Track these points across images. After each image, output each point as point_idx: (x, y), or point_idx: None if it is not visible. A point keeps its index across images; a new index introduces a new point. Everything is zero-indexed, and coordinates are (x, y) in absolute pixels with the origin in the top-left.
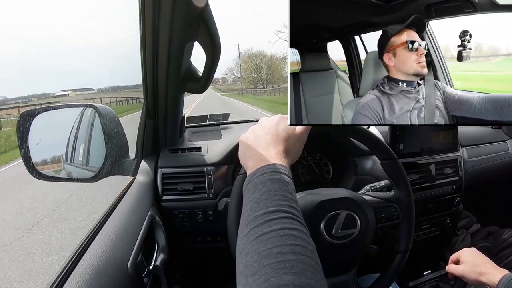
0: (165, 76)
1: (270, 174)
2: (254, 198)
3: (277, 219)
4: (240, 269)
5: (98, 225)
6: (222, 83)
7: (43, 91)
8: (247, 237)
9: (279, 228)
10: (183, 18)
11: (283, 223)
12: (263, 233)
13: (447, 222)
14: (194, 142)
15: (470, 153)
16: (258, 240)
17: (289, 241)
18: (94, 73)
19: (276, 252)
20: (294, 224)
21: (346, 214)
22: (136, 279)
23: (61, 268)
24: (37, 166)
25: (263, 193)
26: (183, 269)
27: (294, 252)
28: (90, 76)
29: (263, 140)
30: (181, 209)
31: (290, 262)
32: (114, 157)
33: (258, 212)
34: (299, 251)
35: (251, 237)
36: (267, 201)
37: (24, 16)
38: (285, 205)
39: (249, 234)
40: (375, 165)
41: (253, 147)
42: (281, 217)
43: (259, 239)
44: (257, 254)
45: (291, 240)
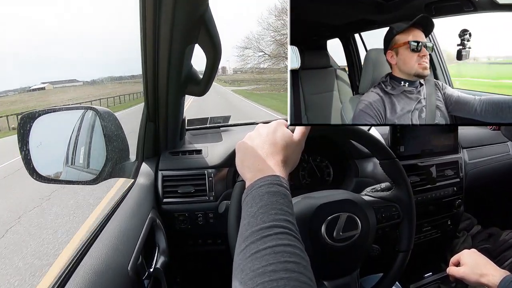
0: (165, 79)
1: (268, 187)
2: (252, 212)
3: (272, 235)
4: (235, 285)
5: (99, 227)
6: (222, 73)
7: (26, 85)
8: (244, 253)
9: (273, 245)
10: (183, 21)
11: (278, 239)
12: (258, 250)
13: (448, 224)
14: (195, 145)
15: (471, 155)
16: (253, 257)
17: (282, 258)
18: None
19: (269, 270)
20: (289, 240)
21: (347, 216)
22: (137, 281)
23: (61, 270)
24: (38, 168)
25: (260, 207)
26: (184, 272)
27: (287, 269)
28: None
29: (261, 149)
30: (182, 212)
31: (282, 281)
32: (115, 159)
33: (255, 228)
34: (292, 268)
35: (247, 253)
36: (263, 215)
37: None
38: (281, 219)
39: (245, 250)
40: (376, 167)
41: (251, 157)
42: (276, 233)
43: (254, 256)
44: (251, 272)
45: (285, 257)
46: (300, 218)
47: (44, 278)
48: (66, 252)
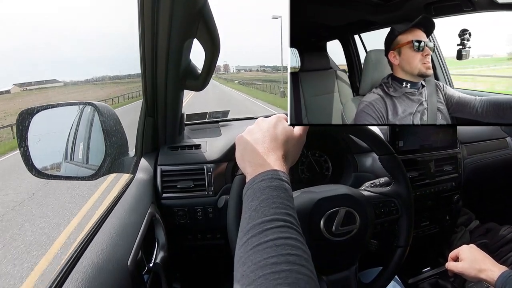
0: (164, 73)
1: (269, 181)
2: (253, 206)
3: (274, 228)
4: (237, 278)
5: (98, 222)
6: (224, 70)
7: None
8: (245, 246)
9: (275, 238)
10: (182, 15)
11: (279, 232)
12: (260, 243)
13: (447, 219)
14: (194, 140)
15: (470, 150)
16: (255, 250)
17: (284, 250)
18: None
19: (271, 263)
20: (290, 233)
21: (346, 211)
22: (136, 276)
23: (61, 265)
24: (36, 164)
25: (261, 201)
26: (183, 267)
27: (288, 262)
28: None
29: (261, 144)
30: (181, 207)
31: (284, 273)
32: (114, 155)
33: (256, 221)
34: (294, 261)
35: (249, 247)
36: (264, 209)
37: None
38: (282, 213)
39: (247, 244)
40: (375, 162)
41: (251, 151)
42: (277, 226)
43: (256, 249)
44: (253, 264)
45: (286, 250)
46: (299, 212)
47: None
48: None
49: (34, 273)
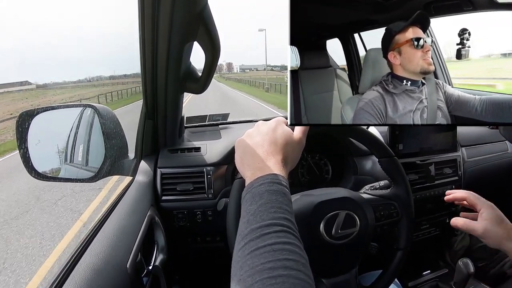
0: (164, 76)
1: (268, 185)
2: (251, 210)
3: (271, 233)
4: (234, 282)
5: (98, 225)
6: (227, 69)
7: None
8: (243, 251)
9: (272, 243)
10: (182, 18)
11: (277, 237)
12: (257, 248)
13: (447, 222)
14: (194, 142)
15: (470, 153)
16: (252, 254)
17: (281, 255)
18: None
19: (268, 268)
20: (288, 238)
21: (345, 214)
22: (136, 279)
23: (60, 268)
24: (36, 166)
25: (260, 205)
26: (183, 269)
27: (285, 267)
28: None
29: (261, 148)
30: (181, 209)
31: (281, 278)
32: (114, 157)
33: (254, 226)
34: (291, 266)
35: (246, 251)
36: (263, 214)
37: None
38: (280, 217)
39: (245, 248)
40: (375, 165)
41: (250, 155)
42: (275, 231)
43: (253, 254)
44: (250, 269)
45: (284, 255)
46: (299, 215)
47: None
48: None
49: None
